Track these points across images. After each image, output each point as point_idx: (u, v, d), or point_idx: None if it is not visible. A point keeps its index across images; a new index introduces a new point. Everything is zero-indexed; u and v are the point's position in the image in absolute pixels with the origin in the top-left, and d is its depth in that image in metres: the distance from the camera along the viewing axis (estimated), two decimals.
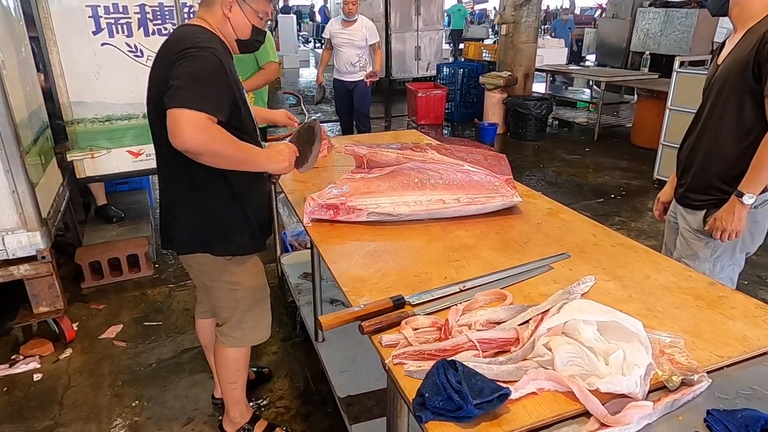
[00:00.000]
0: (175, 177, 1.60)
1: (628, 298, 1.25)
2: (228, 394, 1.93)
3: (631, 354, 0.95)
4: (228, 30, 1.57)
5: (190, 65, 1.37)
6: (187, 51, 1.39)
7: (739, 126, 1.72)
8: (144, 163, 3.14)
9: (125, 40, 2.88)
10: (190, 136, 1.31)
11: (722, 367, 1.02)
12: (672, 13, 10.19)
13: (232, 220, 1.64)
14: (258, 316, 1.84)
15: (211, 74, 1.40)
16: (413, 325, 1.12)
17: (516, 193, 1.75)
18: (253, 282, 1.77)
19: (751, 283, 3.24)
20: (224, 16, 1.54)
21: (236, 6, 1.54)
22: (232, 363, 1.86)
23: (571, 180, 5.32)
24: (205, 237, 1.64)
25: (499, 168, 1.83)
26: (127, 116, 2.99)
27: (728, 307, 1.21)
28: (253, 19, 1.57)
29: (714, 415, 0.87)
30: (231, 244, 1.66)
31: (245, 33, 1.59)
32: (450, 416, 0.87)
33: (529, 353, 1.01)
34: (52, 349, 2.59)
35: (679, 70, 4.67)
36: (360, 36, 4.83)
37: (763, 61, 1.59)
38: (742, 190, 1.70)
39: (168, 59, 1.42)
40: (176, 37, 1.50)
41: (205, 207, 1.61)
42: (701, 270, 1.84)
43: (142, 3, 2.88)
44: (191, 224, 1.63)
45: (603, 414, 0.87)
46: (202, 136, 1.33)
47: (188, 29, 1.52)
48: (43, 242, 2.44)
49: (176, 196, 1.63)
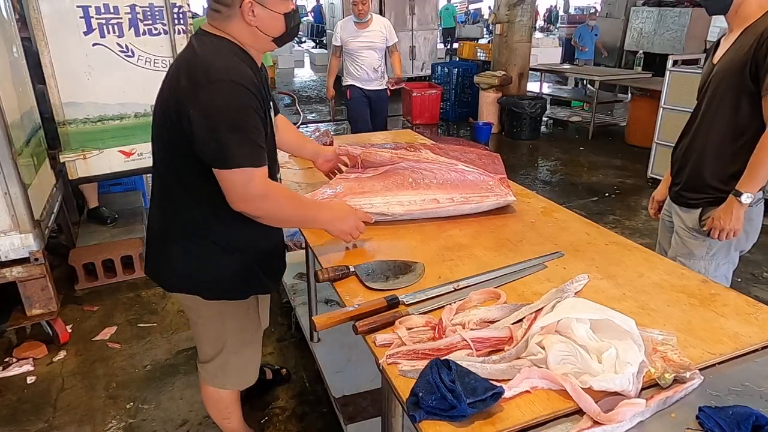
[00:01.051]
0: (170, 211, 1.46)
1: (622, 297, 1.25)
2: (224, 427, 1.83)
3: (624, 352, 0.95)
4: (259, 36, 1.35)
5: (225, 111, 1.23)
6: (216, 85, 1.23)
7: (735, 125, 1.73)
8: (136, 163, 3.13)
9: (116, 40, 2.87)
10: (248, 207, 1.32)
11: (714, 365, 1.03)
12: (665, 12, 10.24)
13: (229, 269, 1.47)
14: (246, 360, 1.67)
15: (249, 117, 1.27)
16: (407, 324, 1.12)
17: (510, 192, 1.75)
18: (243, 324, 1.61)
19: (744, 280, 3.26)
20: (250, 25, 1.32)
21: (257, 7, 1.31)
22: (219, 402, 1.74)
23: (566, 179, 5.34)
24: (195, 281, 1.49)
25: (493, 167, 1.83)
26: (119, 116, 2.98)
27: (720, 305, 1.22)
28: (281, 8, 1.34)
29: (706, 412, 0.88)
30: (224, 291, 1.50)
31: (279, 27, 1.37)
32: (443, 415, 0.87)
33: (523, 352, 1.01)
34: (46, 351, 2.58)
35: (672, 69, 4.70)
36: (380, 37, 4.29)
37: (760, 61, 1.60)
38: (740, 190, 1.71)
39: (189, 84, 1.26)
40: (205, 59, 1.29)
41: (198, 252, 1.45)
42: (697, 268, 1.85)
43: (133, 3, 2.87)
44: (180, 266, 1.48)
45: (596, 412, 0.88)
46: (266, 205, 1.34)
47: (214, 48, 1.32)
48: (35, 244, 2.42)
49: (167, 230, 1.48)
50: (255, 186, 1.30)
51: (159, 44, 3.02)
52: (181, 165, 1.36)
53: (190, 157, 1.31)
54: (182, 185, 1.40)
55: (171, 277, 1.52)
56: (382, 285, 1.30)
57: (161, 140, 1.41)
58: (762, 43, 1.59)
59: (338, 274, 1.35)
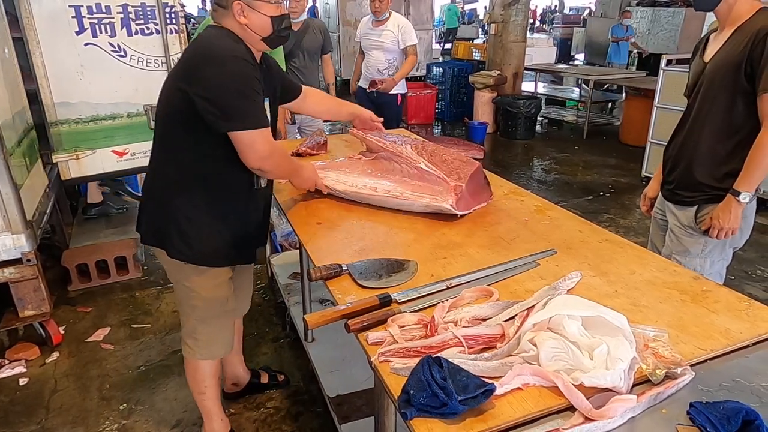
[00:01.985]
0: (157, 169, 1.64)
1: (614, 293, 1.25)
2: (199, 404, 1.89)
3: (615, 348, 0.95)
4: (250, 35, 1.51)
5: (232, 80, 1.41)
6: (220, 59, 1.42)
7: (729, 123, 1.74)
8: (128, 163, 3.12)
9: (108, 39, 2.87)
10: (265, 164, 1.51)
11: (705, 360, 1.03)
12: (659, 12, 10.29)
13: (195, 227, 1.59)
14: (214, 331, 1.76)
15: (253, 84, 1.45)
16: (399, 322, 1.12)
17: (450, 202, 1.65)
18: (211, 293, 1.69)
19: (737, 278, 3.28)
20: (241, 24, 1.49)
21: (246, 9, 1.47)
22: (196, 373, 1.82)
23: (561, 178, 5.36)
24: (163, 234, 1.62)
25: (458, 173, 1.74)
26: (111, 116, 2.98)
27: (712, 301, 1.22)
28: (266, 10, 1.49)
29: (696, 407, 0.88)
30: (186, 250, 1.60)
31: (267, 29, 1.51)
32: (435, 412, 0.86)
33: (515, 349, 1.01)
34: (39, 353, 2.56)
35: (666, 68, 4.72)
36: (391, 38, 4.04)
37: (756, 60, 1.61)
38: (738, 189, 1.72)
39: (197, 63, 1.45)
40: (207, 43, 1.49)
41: (170, 205, 1.59)
42: (692, 266, 1.86)
43: (125, 3, 2.87)
44: (154, 217, 1.65)
45: (587, 408, 0.88)
46: (274, 161, 1.54)
47: (216, 35, 1.50)
48: (28, 245, 2.41)
49: (152, 186, 1.66)
50: (266, 144, 1.49)
51: (151, 44, 3.01)
52: (186, 135, 1.52)
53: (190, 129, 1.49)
54: (183, 152, 1.55)
55: (146, 224, 1.67)
56: (375, 283, 1.30)
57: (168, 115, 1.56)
58: (758, 42, 1.60)
59: (331, 273, 1.35)
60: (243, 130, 1.44)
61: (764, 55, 1.59)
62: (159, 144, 1.61)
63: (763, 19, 1.65)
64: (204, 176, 1.56)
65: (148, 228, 1.67)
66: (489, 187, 1.86)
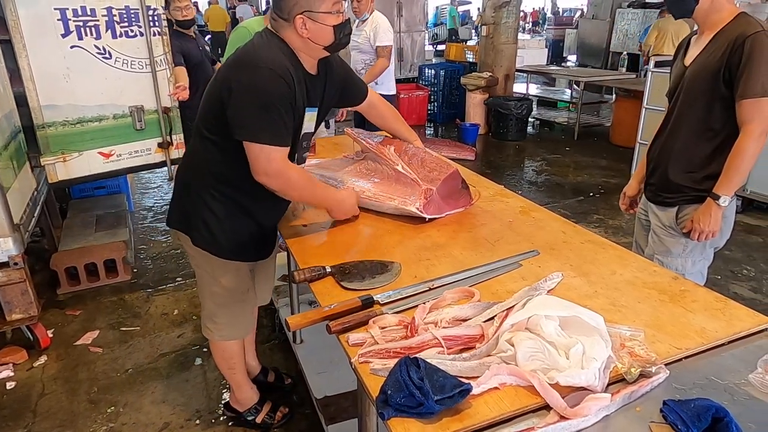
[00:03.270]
0: (191, 158, 1.69)
1: (594, 294, 1.27)
2: (228, 379, 2.05)
3: (591, 348, 0.97)
4: (311, 46, 1.52)
5: (259, 91, 1.41)
6: (257, 69, 1.42)
7: (708, 127, 1.77)
8: (115, 164, 3.12)
9: (94, 42, 2.86)
10: (269, 180, 1.50)
11: (680, 359, 1.05)
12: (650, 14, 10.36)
13: (219, 222, 1.63)
14: (234, 315, 1.83)
15: (279, 101, 1.43)
16: (380, 323, 1.13)
17: (419, 205, 1.63)
18: (231, 284, 1.75)
19: (723, 277, 3.31)
20: (303, 37, 1.49)
21: (309, 22, 1.47)
22: (224, 352, 1.92)
23: (552, 179, 5.39)
24: (189, 222, 1.66)
25: (432, 177, 1.74)
26: (97, 118, 2.97)
27: (690, 301, 1.24)
28: (330, 21, 1.48)
29: (669, 405, 0.89)
30: (209, 241, 1.65)
31: (329, 38, 1.51)
32: (412, 412, 0.87)
33: (493, 349, 1.02)
34: (26, 356, 2.55)
35: (654, 69, 4.76)
36: (364, 38, 3.94)
37: (734, 67, 1.64)
38: (717, 193, 1.74)
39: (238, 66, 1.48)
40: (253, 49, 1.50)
41: (198, 196, 1.62)
42: (674, 266, 1.89)
43: (110, 6, 2.87)
44: (183, 203, 1.69)
45: (562, 407, 0.89)
46: (281, 182, 1.52)
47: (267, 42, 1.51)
48: (15, 248, 2.40)
49: (185, 174, 1.69)
50: (274, 163, 1.48)
51: (136, 46, 3.03)
52: (218, 131, 1.54)
53: (223, 127, 1.49)
54: (214, 147, 1.57)
55: (174, 209, 1.73)
56: (358, 285, 1.31)
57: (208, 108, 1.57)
58: (736, 48, 1.63)
59: (315, 275, 1.36)
60: (253, 142, 1.44)
61: (742, 61, 1.61)
62: (196, 135, 1.63)
63: (742, 24, 1.66)
64: (232, 175, 1.58)
65: (175, 212, 1.72)
66: (468, 193, 1.82)
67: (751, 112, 1.64)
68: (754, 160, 1.68)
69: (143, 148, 3.23)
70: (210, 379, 2.41)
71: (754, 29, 1.61)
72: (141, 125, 3.14)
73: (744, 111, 1.65)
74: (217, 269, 1.71)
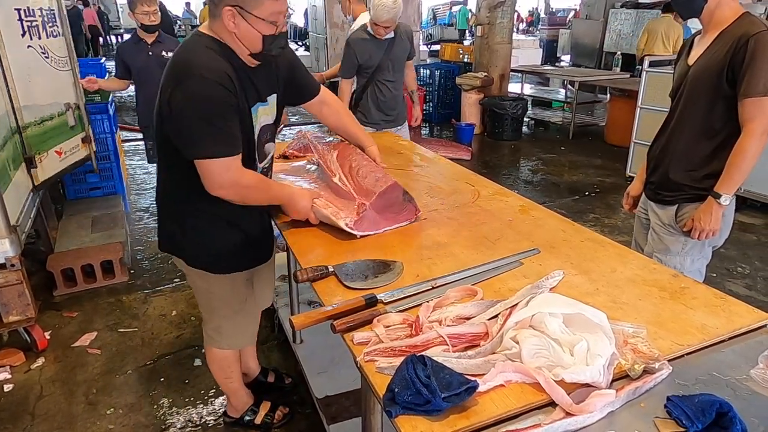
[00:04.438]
0: (161, 180, 1.64)
1: (595, 291, 1.28)
2: (224, 387, 2.01)
3: (595, 344, 0.97)
4: (237, 44, 1.42)
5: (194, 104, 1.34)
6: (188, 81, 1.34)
7: (709, 127, 1.78)
8: (65, 162, 3.15)
9: (38, 42, 2.89)
10: (224, 193, 1.45)
11: (682, 355, 1.06)
12: (643, 14, 10.42)
13: (204, 236, 1.61)
14: (238, 324, 1.81)
15: (219, 108, 1.37)
16: (385, 322, 1.13)
17: (349, 221, 1.55)
18: (229, 295, 1.74)
19: (719, 275, 3.34)
20: (229, 32, 1.39)
21: (239, 18, 1.36)
22: (221, 361, 1.89)
23: (547, 178, 5.41)
24: (177, 243, 1.65)
25: (367, 190, 1.65)
26: (50, 116, 2.99)
27: (690, 298, 1.25)
28: (262, 28, 1.38)
29: (673, 401, 0.90)
30: (201, 258, 1.64)
31: (256, 45, 1.42)
32: (419, 410, 0.88)
33: (498, 347, 1.03)
34: (24, 358, 2.53)
35: (649, 69, 4.79)
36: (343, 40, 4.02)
37: (737, 66, 1.65)
38: (718, 192, 1.75)
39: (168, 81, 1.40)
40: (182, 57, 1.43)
41: (177, 215, 1.61)
42: (673, 264, 1.90)
43: (41, 6, 2.91)
44: (167, 226, 1.67)
45: (568, 403, 0.90)
46: (239, 191, 1.47)
47: (193, 46, 1.44)
48: (12, 250, 2.38)
49: (161, 195, 1.66)
50: (228, 174, 1.42)
51: (59, 45, 3.09)
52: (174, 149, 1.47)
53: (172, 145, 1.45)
54: (176, 165, 1.50)
55: (162, 232, 1.70)
56: (361, 284, 1.31)
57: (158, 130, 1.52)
58: (739, 48, 1.64)
59: (317, 275, 1.36)
60: (201, 158, 1.39)
61: (745, 60, 1.62)
62: (159, 155, 1.60)
63: (745, 24, 1.68)
64: (205, 190, 1.48)
65: (163, 236, 1.70)
66: (412, 206, 1.69)
67: (753, 111, 1.65)
68: (755, 159, 1.69)
69: (75, 145, 3.28)
70: (209, 379, 2.40)
71: (757, 29, 1.63)
72: (74, 122, 3.20)
73: (746, 110, 1.66)
74: (213, 285, 1.70)
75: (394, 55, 3.30)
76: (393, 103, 3.42)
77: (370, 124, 3.38)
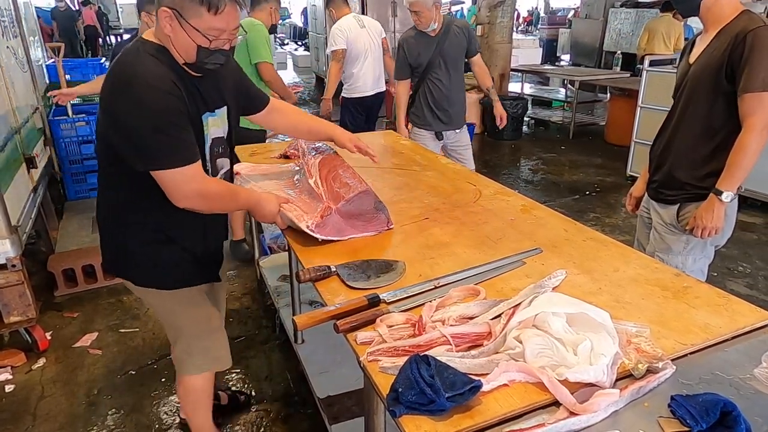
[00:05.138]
0: (104, 199, 1.55)
1: (598, 291, 1.28)
2: (190, 419, 1.84)
3: (598, 344, 0.97)
4: (173, 50, 1.35)
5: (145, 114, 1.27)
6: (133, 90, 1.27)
7: (710, 125, 1.78)
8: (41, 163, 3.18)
9: (7, 42, 2.91)
10: (190, 203, 1.39)
11: (686, 355, 1.06)
12: (642, 14, 10.42)
13: (152, 252, 1.52)
14: (210, 343, 1.70)
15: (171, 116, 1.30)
16: (388, 322, 1.13)
17: (311, 223, 1.52)
18: (193, 311, 1.64)
19: (720, 274, 3.34)
20: (166, 33, 1.32)
21: (175, 22, 1.29)
22: (191, 392, 1.76)
23: (548, 178, 5.41)
24: (124, 264, 1.57)
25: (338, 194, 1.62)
26: (26, 119, 3.02)
27: (692, 297, 1.25)
28: (197, 38, 1.31)
29: (677, 400, 0.90)
30: (150, 276, 1.55)
31: (189, 55, 1.34)
32: (423, 410, 0.88)
33: (501, 346, 1.03)
34: (25, 359, 2.53)
35: (649, 68, 4.79)
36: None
37: (736, 62, 1.65)
38: (720, 189, 1.75)
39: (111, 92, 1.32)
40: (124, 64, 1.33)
41: (123, 233, 1.52)
42: (674, 263, 1.90)
43: (3, 7, 2.96)
44: (111, 247, 1.58)
45: (572, 403, 0.90)
46: (206, 200, 1.42)
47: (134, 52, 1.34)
48: (12, 250, 2.38)
49: (102, 216, 1.57)
50: (192, 184, 1.36)
51: (17, 46, 3.13)
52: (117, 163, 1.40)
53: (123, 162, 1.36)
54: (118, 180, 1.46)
55: (105, 255, 1.60)
56: (364, 284, 1.31)
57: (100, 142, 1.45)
58: (737, 44, 1.64)
59: (320, 274, 1.36)
60: (161, 169, 1.32)
61: (744, 56, 1.62)
62: (101, 173, 1.52)
63: (744, 20, 1.68)
64: (146, 205, 1.46)
65: (107, 258, 1.61)
66: (384, 216, 1.64)
67: (752, 106, 1.65)
68: (756, 155, 1.69)
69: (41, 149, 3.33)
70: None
71: (755, 24, 1.63)
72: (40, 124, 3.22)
73: (745, 105, 1.66)
74: (168, 302, 1.61)
75: (446, 52, 3.13)
76: (446, 104, 3.24)
77: (423, 126, 3.29)
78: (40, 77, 3.65)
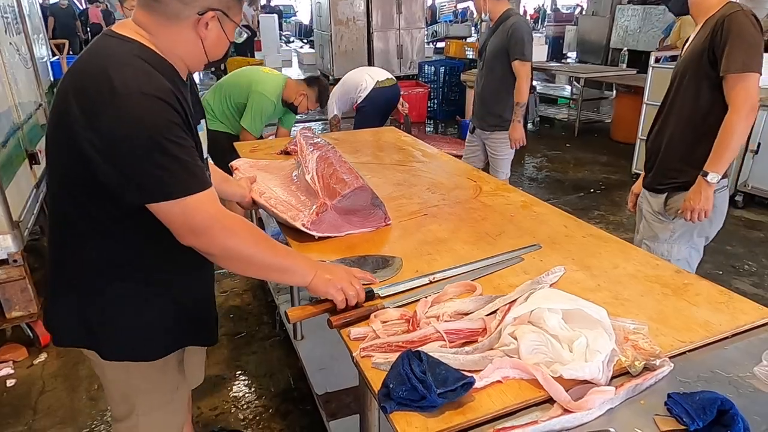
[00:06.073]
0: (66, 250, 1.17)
1: (596, 287, 1.26)
2: None
3: (594, 341, 0.96)
4: (198, 53, 1.13)
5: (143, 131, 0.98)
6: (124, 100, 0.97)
7: (698, 110, 1.82)
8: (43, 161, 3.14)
9: (9, 39, 2.89)
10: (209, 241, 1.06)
11: (684, 352, 1.04)
12: (650, 10, 10.33)
13: (130, 313, 1.18)
14: (161, 424, 1.35)
15: (176, 133, 1.02)
16: (382, 318, 1.12)
17: (305, 221, 1.50)
18: (155, 387, 1.30)
19: (726, 273, 3.31)
20: (197, 36, 1.10)
21: (216, 22, 1.10)
22: None
23: (552, 175, 5.37)
24: (91, 332, 1.19)
25: (334, 190, 1.57)
26: (29, 115, 2.99)
27: (693, 294, 1.23)
28: (231, 33, 1.16)
29: (674, 398, 0.89)
30: (124, 345, 1.21)
31: (219, 52, 1.18)
32: (414, 406, 0.87)
33: (496, 343, 1.02)
34: (27, 354, 2.55)
35: (655, 65, 4.74)
36: None
37: (717, 45, 1.71)
38: (707, 170, 1.79)
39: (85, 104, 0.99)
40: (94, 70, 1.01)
41: (91, 294, 1.17)
42: (660, 251, 1.96)
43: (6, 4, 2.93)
44: (74, 312, 1.18)
45: (566, 400, 0.88)
46: (224, 239, 1.06)
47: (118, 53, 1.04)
48: (14, 245, 2.39)
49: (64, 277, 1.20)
50: (202, 213, 1.05)
51: (21, 43, 3.11)
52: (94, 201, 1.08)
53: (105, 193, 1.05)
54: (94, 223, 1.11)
55: (63, 328, 1.23)
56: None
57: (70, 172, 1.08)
58: (717, 29, 1.70)
59: None
60: (162, 200, 1.02)
61: (722, 38, 1.68)
62: (59, 218, 1.17)
63: (726, 8, 1.75)
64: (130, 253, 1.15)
65: (64, 326, 1.22)
66: (381, 211, 1.62)
67: (735, 88, 1.70)
68: (743, 136, 1.73)
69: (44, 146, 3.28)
70: (210, 375, 2.40)
71: (733, 9, 1.70)
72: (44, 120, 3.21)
73: (728, 86, 1.71)
74: (136, 377, 1.26)
75: (486, 48, 2.97)
76: (477, 100, 3.11)
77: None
78: (44, 74, 3.65)
